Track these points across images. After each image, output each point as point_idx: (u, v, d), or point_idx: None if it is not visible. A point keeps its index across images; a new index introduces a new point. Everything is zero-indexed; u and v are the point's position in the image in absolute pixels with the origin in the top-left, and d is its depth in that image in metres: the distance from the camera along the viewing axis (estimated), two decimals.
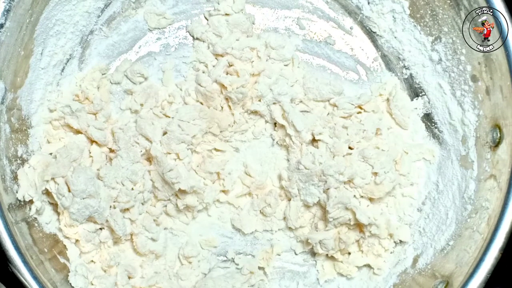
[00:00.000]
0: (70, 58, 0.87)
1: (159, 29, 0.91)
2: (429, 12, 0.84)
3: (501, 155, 0.77)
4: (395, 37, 0.89)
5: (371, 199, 0.86)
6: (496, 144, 0.77)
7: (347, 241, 0.84)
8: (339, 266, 0.87)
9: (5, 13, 0.75)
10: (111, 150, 0.86)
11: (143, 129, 0.85)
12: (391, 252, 0.87)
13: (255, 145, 0.90)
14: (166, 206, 0.87)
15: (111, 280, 0.83)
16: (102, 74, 0.89)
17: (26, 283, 0.72)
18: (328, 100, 0.88)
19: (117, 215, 0.82)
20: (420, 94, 0.89)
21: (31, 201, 0.80)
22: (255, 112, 0.88)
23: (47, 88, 0.85)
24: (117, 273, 0.84)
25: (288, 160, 0.88)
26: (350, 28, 0.92)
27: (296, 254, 0.89)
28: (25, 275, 0.72)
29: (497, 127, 0.78)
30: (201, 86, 0.87)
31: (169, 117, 0.86)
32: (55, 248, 0.83)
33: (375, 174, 0.84)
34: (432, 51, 0.86)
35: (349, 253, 0.87)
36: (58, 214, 0.83)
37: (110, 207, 0.83)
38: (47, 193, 0.83)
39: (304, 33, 0.91)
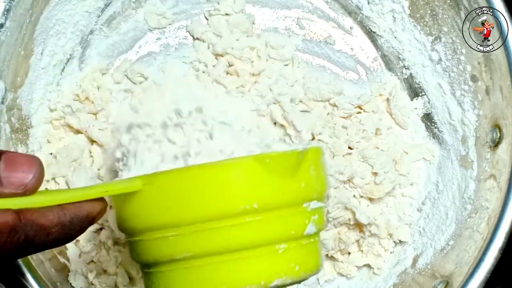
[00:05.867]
0: (70, 58, 0.87)
1: (159, 29, 0.91)
2: (429, 12, 0.84)
3: (501, 155, 0.77)
4: (395, 37, 0.89)
5: (371, 199, 0.86)
6: (496, 144, 0.77)
7: (347, 241, 0.84)
8: (339, 266, 0.87)
9: (5, 12, 0.75)
10: None
11: None
12: (391, 252, 0.87)
13: None
14: None
15: (111, 280, 0.83)
16: (102, 74, 0.89)
17: (26, 283, 0.72)
18: (328, 100, 0.88)
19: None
20: (420, 94, 0.89)
21: None
22: None
23: (48, 88, 0.85)
24: (117, 273, 0.84)
25: None
26: (350, 28, 0.92)
27: None
28: (25, 275, 0.72)
29: (497, 127, 0.78)
30: None
31: None
32: (55, 248, 0.83)
33: (375, 174, 0.84)
34: (432, 51, 0.86)
35: (349, 253, 0.87)
36: None
37: (110, 207, 0.83)
38: None
39: (304, 33, 0.91)
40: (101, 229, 0.84)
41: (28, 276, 0.73)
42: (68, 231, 0.51)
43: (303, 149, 0.53)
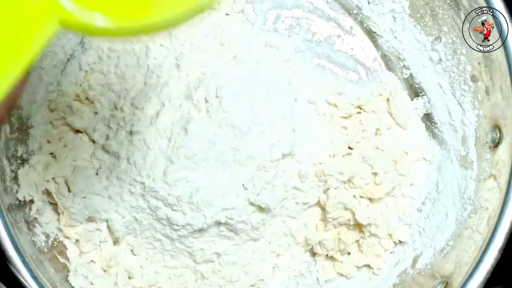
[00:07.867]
0: (70, 58, 0.87)
1: None
2: (429, 12, 0.84)
3: (500, 155, 0.77)
4: (395, 37, 0.89)
5: (370, 199, 0.86)
6: (496, 144, 0.77)
7: (347, 241, 0.84)
8: (339, 266, 0.87)
9: None
10: None
11: None
12: (390, 252, 0.87)
13: None
14: None
15: (111, 280, 0.83)
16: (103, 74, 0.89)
17: (25, 283, 0.72)
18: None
19: (116, 216, 0.82)
20: (420, 94, 0.89)
21: (31, 201, 0.80)
22: None
23: (48, 88, 0.85)
24: (117, 273, 0.84)
25: None
26: (350, 28, 0.92)
27: None
28: (24, 275, 0.72)
29: (496, 127, 0.77)
30: None
31: None
32: (55, 248, 0.83)
33: (375, 174, 0.84)
34: (432, 51, 0.86)
35: (349, 253, 0.87)
36: (58, 214, 0.84)
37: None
38: (47, 193, 0.83)
39: (304, 33, 0.91)
40: (100, 229, 0.85)
41: (28, 276, 0.73)
42: None
43: None
